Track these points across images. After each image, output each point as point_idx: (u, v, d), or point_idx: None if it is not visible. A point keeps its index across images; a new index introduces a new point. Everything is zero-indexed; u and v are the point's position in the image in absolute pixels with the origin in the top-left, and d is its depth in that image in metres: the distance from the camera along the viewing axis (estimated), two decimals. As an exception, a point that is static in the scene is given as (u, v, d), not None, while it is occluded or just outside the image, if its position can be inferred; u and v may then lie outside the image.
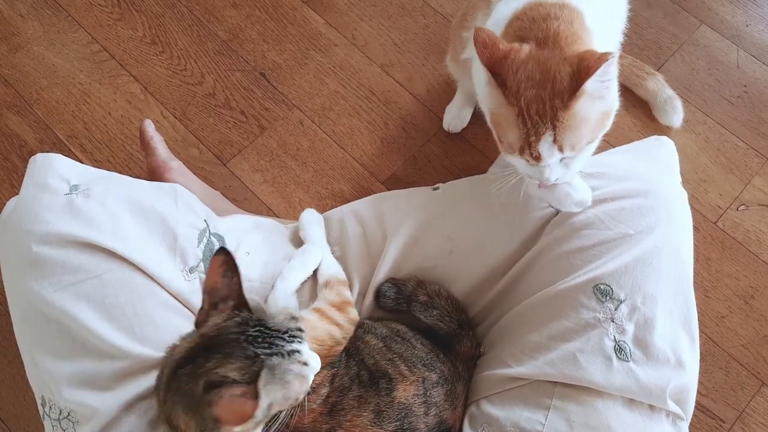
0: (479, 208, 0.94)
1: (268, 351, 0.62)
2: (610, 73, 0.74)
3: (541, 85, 0.74)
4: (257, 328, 0.63)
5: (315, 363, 0.66)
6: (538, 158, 0.76)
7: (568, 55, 0.75)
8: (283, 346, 0.63)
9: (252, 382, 0.59)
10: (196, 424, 0.62)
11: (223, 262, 0.66)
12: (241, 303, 0.66)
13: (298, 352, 0.64)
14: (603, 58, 0.71)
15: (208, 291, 0.67)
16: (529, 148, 0.76)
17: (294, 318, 0.67)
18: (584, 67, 0.72)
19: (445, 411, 0.80)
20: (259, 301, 0.70)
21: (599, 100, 0.76)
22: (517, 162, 0.80)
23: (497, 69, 0.75)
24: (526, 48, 0.76)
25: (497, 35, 0.76)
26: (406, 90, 1.33)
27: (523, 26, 0.79)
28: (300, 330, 0.66)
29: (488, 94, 0.79)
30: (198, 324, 0.67)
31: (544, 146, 0.75)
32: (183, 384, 0.62)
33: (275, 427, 0.66)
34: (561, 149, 0.76)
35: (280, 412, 0.65)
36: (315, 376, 0.71)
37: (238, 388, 0.59)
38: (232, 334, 0.63)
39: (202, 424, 0.61)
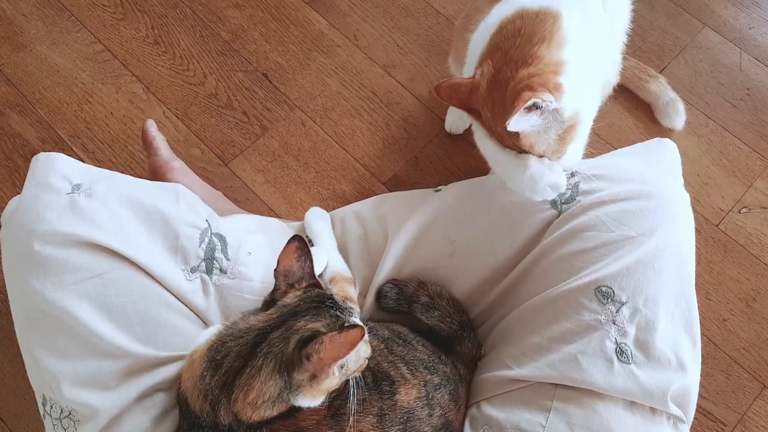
0: (481, 210, 0.94)
1: (344, 315, 0.71)
2: (549, 105, 0.75)
3: (500, 123, 0.79)
4: (331, 300, 0.73)
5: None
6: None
7: (510, 90, 0.77)
8: (351, 315, 0.72)
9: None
10: (277, 387, 0.67)
11: (297, 247, 0.74)
12: (315, 283, 0.75)
13: (356, 323, 0.72)
14: (517, 102, 0.73)
15: (284, 273, 0.75)
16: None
17: (345, 300, 0.76)
18: (508, 109, 0.75)
19: (450, 412, 0.80)
20: (325, 282, 0.79)
21: (552, 125, 0.79)
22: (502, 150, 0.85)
23: (470, 106, 0.82)
24: (484, 82, 0.79)
25: (455, 79, 0.82)
26: (408, 91, 1.33)
27: (497, 44, 0.81)
28: (353, 309, 0.75)
29: (472, 120, 0.86)
30: (268, 302, 0.74)
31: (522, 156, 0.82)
32: (274, 346, 0.68)
33: (341, 398, 0.72)
34: (541, 158, 0.81)
35: (346, 385, 0.71)
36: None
37: (332, 332, 0.66)
38: (314, 302, 0.71)
39: (287, 385, 0.67)
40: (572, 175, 0.91)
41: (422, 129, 1.29)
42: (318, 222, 0.99)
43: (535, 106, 0.74)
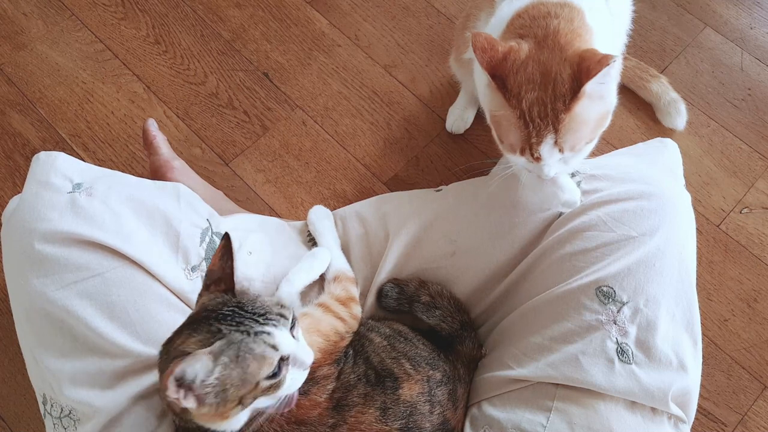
0: (482, 210, 0.94)
1: (233, 328, 0.62)
2: (611, 75, 0.74)
3: (542, 88, 0.73)
4: (232, 308, 0.64)
5: (302, 354, 0.65)
6: (538, 159, 0.77)
7: (569, 56, 0.74)
8: (252, 326, 0.63)
9: None
10: (170, 407, 0.63)
11: (223, 246, 0.70)
12: (230, 287, 0.69)
13: (268, 334, 0.63)
14: (604, 61, 0.71)
15: (207, 274, 0.70)
16: (530, 149, 0.76)
17: (280, 305, 0.67)
18: (585, 68, 0.72)
19: (448, 411, 0.81)
20: (248, 287, 0.72)
21: (599, 101, 0.76)
22: (517, 160, 0.81)
23: (497, 72, 0.75)
24: (525, 47, 0.75)
25: (495, 37, 0.76)
26: (409, 91, 1.32)
27: (524, 24, 0.79)
28: (281, 316, 0.66)
29: (489, 95, 0.79)
30: (195, 306, 0.71)
31: (545, 148, 0.76)
32: (163, 363, 0.64)
33: (273, 409, 0.66)
34: (561, 150, 0.76)
35: (261, 409, 0.65)
36: (320, 371, 0.71)
37: (177, 361, 0.59)
38: (206, 311, 0.65)
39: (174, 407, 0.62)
40: (573, 175, 0.91)
41: (423, 129, 1.29)
42: (321, 220, 1.00)
43: (604, 75, 0.71)
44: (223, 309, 0.64)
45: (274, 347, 0.63)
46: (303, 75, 1.34)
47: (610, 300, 0.80)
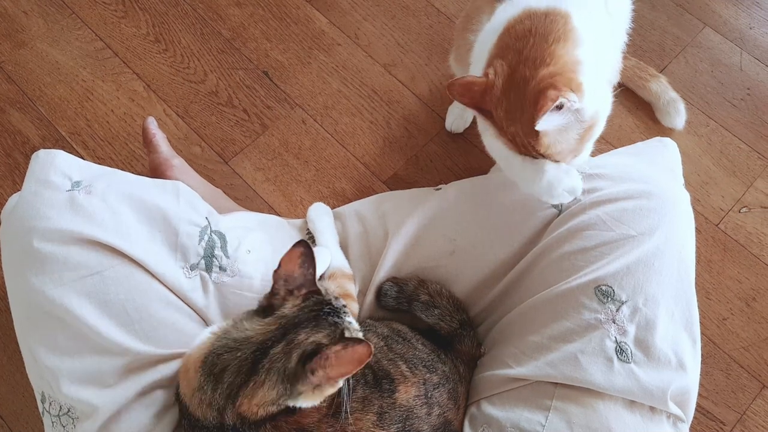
0: (481, 209, 0.94)
1: (340, 321, 0.72)
2: (573, 104, 0.74)
3: (515, 123, 0.78)
4: (329, 306, 0.73)
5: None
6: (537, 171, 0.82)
7: (530, 92, 0.76)
8: (344, 318, 0.73)
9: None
10: (278, 395, 0.68)
11: (302, 253, 0.74)
12: (314, 290, 0.75)
13: (351, 323, 0.74)
14: (543, 105, 0.72)
15: (285, 278, 0.74)
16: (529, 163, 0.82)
17: (337, 298, 0.76)
18: (537, 108, 0.74)
19: (449, 411, 0.80)
20: (322, 285, 0.78)
21: (574, 125, 0.78)
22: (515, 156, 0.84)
23: (482, 106, 0.81)
24: (499, 81, 0.78)
25: (468, 77, 0.80)
26: (408, 90, 1.33)
27: (507, 44, 0.80)
28: (345, 307, 0.75)
29: (482, 122, 0.85)
30: (265, 307, 0.74)
31: (539, 163, 0.81)
32: (276, 362, 0.68)
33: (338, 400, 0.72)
34: (555, 160, 0.80)
35: (343, 387, 0.71)
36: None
37: (335, 346, 0.66)
38: (312, 311, 0.71)
39: (287, 393, 0.68)
40: (573, 174, 0.91)
41: (423, 128, 1.29)
42: (321, 217, 1.00)
43: (559, 106, 0.74)
44: (324, 308, 0.72)
45: (359, 332, 0.74)
46: (303, 74, 1.34)
47: (609, 299, 0.80)
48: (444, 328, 0.90)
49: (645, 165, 0.94)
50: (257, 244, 0.92)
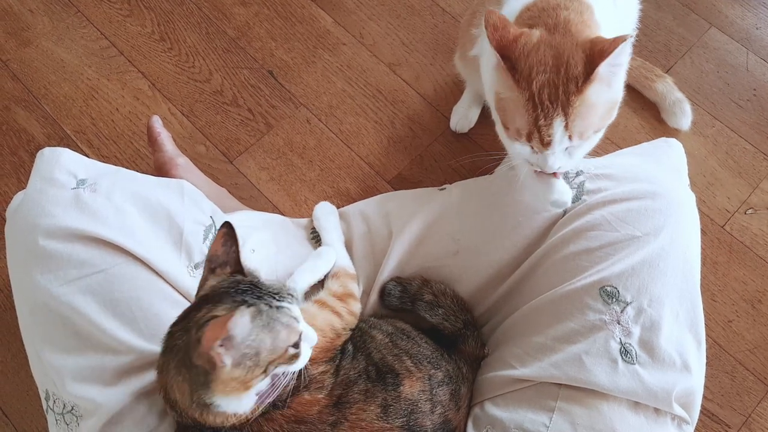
0: (486, 209, 0.94)
1: (256, 299, 0.65)
2: (622, 59, 0.74)
3: (554, 70, 0.73)
4: (248, 285, 0.67)
5: (310, 332, 0.69)
6: (548, 144, 0.76)
7: (580, 41, 0.75)
8: (272, 300, 0.66)
9: None
10: (189, 384, 0.64)
11: (224, 233, 0.71)
12: (238, 269, 0.70)
13: (287, 308, 0.67)
14: (618, 40, 0.71)
15: (209, 258, 0.71)
16: (538, 133, 0.75)
17: (286, 287, 0.71)
18: (598, 50, 0.72)
19: (450, 411, 0.80)
20: (256, 269, 0.73)
21: (608, 87, 0.76)
22: (522, 149, 0.80)
23: (507, 52, 0.75)
24: (536, 33, 0.76)
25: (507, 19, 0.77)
26: (413, 89, 1.32)
27: (532, 15, 0.79)
28: (291, 295, 0.69)
29: (497, 78, 0.79)
30: (197, 292, 0.71)
31: (555, 131, 0.75)
32: (176, 340, 0.65)
33: (277, 391, 0.68)
34: (570, 136, 0.76)
35: (280, 375, 0.67)
36: (316, 369, 0.71)
37: (226, 314, 0.61)
38: (223, 288, 0.67)
39: (195, 380, 0.63)
40: (578, 174, 0.90)
41: (427, 127, 1.29)
42: (327, 216, 1.00)
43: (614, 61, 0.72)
44: (240, 286, 0.67)
45: (296, 319, 0.67)
46: (307, 73, 1.34)
47: (614, 300, 0.80)
48: (448, 327, 0.90)
49: (650, 165, 0.93)
50: (261, 244, 0.92)
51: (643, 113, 1.28)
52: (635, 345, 0.78)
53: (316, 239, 1.00)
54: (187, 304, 0.83)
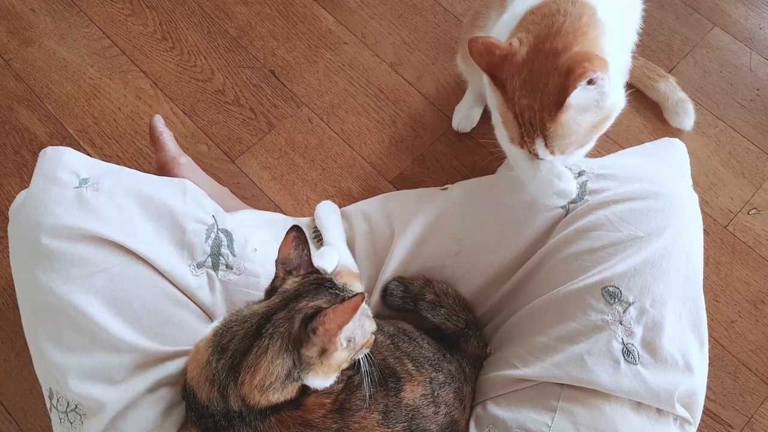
0: (488, 209, 0.94)
1: (343, 293, 0.72)
2: (604, 84, 0.74)
3: (532, 95, 0.76)
4: (330, 282, 0.74)
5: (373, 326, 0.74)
6: (535, 155, 0.80)
7: (560, 64, 0.75)
8: (350, 293, 0.72)
9: None
10: (286, 367, 0.68)
11: (295, 237, 0.76)
12: (313, 270, 0.76)
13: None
14: (582, 71, 0.71)
15: (282, 261, 0.75)
16: (526, 146, 0.80)
17: (337, 278, 0.77)
18: (569, 80, 0.72)
19: (455, 410, 0.80)
20: (325, 269, 0.80)
21: (593, 109, 0.77)
22: (518, 150, 0.83)
23: (496, 73, 0.78)
24: (523, 50, 0.77)
25: (492, 39, 0.78)
26: (415, 89, 1.32)
27: (534, 21, 0.79)
28: (346, 285, 0.75)
29: (491, 92, 0.82)
30: (269, 291, 0.75)
31: (538, 148, 0.79)
32: (279, 326, 0.69)
33: (354, 370, 0.73)
34: (552, 153, 0.79)
35: (371, 361, 0.73)
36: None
37: (348, 301, 0.66)
38: (313, 284, 0.73)
39: (293, 364, 0.68)
40: (580, 174, 0.90)
41: (429, 127, 1.28)
42: (329, 215, 1.00)
43: (592, 82, 0.73)
44: (326, 282, 0.73)
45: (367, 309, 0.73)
46: (309, 72, 1.34)
47: (616, 300, 0.80)
48: (450, 327, 0.90)
49: (653, 166, 0.93)
50: (264, 243, 0.92)
51: (646, 113, 1.28)
52: (638, 345, 0.78)
53: (317, 238, 1.00)
54: (189, 303, 0.83)
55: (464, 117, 1.25)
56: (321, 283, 0.73)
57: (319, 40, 1.37)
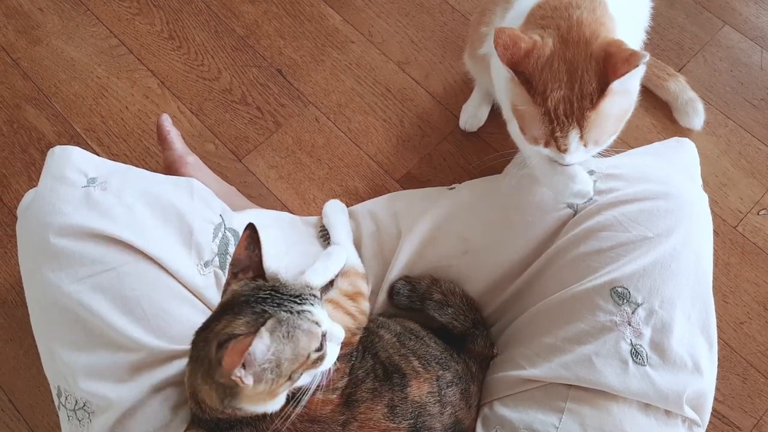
0: (495, 208, 0.93)
1: (276, 308, 0.65)
2: (637, 72, 0.73)
3: (569, 86, 0.73)
4: (268, 292, 0.67)
5: (335, 330, 0.69)
6: (564, 151, 0.77)
7: (594, 51, 0.73)
8: (292, 306, 0.66)
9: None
10: (216, 393, 0.65)
11: (248, 236, 0.71)
12: (259, 273, 0.71)
13: (309, 312, 0.67)
14: (632, 60, 0.70)
15: (232, 262, 0.71)
16: (555, 143, 0.76)
17: (309, 287, 0.70)
18: (612, 67, 0.71)
19: (460, 411, 0.80)
20: (277, 272, 0.74)
21: (624, 96, 0.76)
22: (540, 149, 0.80)
23: (520, 68, 0.75)
24: (549, 43, 0.75)
25: (517, 31, 0.75)
26: (422, 88, 1.32)
27: (545, 15, 0.78)
28: (313, 296, 0.69)
29: (512, 90, 0.79)
30: (223, 292, 0.71)
31: (570, 142, 0.76)
32: (200, 350, 0.66)
33: (304, 399, 0.68)
34: (585, 144, 0.76)
35: (302, 387, 0.67)
36: (333, 366, 0.72)
37: (244, 338, 0.61)
38: (243, 296, 0.67)
39: (221, 392, 0.64)
40: (589, 174, 0.90)
41: (436, 126, 1.28)
42: (336, 214, 1.00)
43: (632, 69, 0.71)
44: (260, 293, 0.67)
45: (317, 323, 0.67)
46: (316, 71, 1.34)
47: (625, 301, 0.79)
48: (457, 327, 0.90)
49: (662, 166, 0.92)
50: (270, 242, 0.92)
51: (655, 112, 1.27)
52: (646, 346, 0.78)
53: (324, 237, 1.00)
54: (197, 302, 0.84)
55: (471, 116, 1.24)
56: (255, 294, 0.67)
57: (326, 38, 1.37)
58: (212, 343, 0.64)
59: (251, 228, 0.71)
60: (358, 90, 1.32)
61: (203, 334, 0.67)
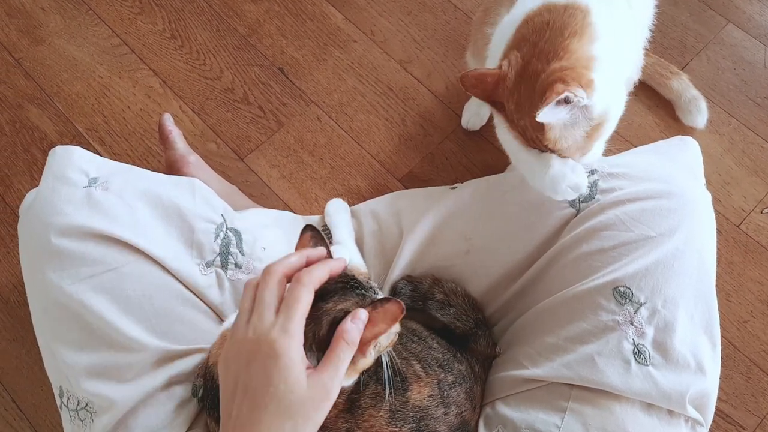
0: (497, 208, 0.93)
1: (369, 293, 0.69)
2: (579, 100, 0.73)
3: (526, 115, 0.77)
4: (354, 281, 0.70)
5: None
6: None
7: (539, 86, 0.75)
8: (375, 293, 0.70)
9: None
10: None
11: (312, 236, 0.73)
12: None
13: (380, 295, 0.71)
14: (549, 94, 0.71)
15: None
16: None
17: (362, 274, 0.74)
18: (537, 101, 0.73)
19: (466, 411, 0.80)
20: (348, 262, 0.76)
21: (582, 121, 0.77)
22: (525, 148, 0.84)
23: (494, 99, 0.80)
24: (511, 74, 0.78)
25: (479, 69, 0.80)
26: (424, 87, 1.32)
27: (525, 35, 0.80)
28: (370, 281, 0.73)
29: (494, 114, 0.85)
30: None
31: (553, 160, 0.81)
32: (305, 325, 0.66)
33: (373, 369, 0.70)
34: (571, 157, 0.80)
35: (380, 360, 0.70)
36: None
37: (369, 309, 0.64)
38: (338, 283, 0.69)
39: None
40: (591, 173, 0.89)
41: (438, 125, 1.28)
42: (339, 213, 1.00)
43: (566, 101, 0.73)
44: (351, 281, 0.70)
45: None
46: (318, 70, 1.34)
47: (627, 300, 0.79)
48: (459, 327, 0.90)
49: (665, 164, 0.92)
50: (272, 242, 0.92)
51: (658, 111, 1.26)
52: (649, 346, 0.77)
53: (327, 236, 1.00)
54: (199, 302, 0.83)
55: (474, 115, 1.24)
56: (346, 282, 0.71)
57: (328, 37, 1.37)
58: (322, 320, 0.66)
59: (311, 228, 0.73)
60: (360, 89, 1.32)
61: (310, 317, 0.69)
